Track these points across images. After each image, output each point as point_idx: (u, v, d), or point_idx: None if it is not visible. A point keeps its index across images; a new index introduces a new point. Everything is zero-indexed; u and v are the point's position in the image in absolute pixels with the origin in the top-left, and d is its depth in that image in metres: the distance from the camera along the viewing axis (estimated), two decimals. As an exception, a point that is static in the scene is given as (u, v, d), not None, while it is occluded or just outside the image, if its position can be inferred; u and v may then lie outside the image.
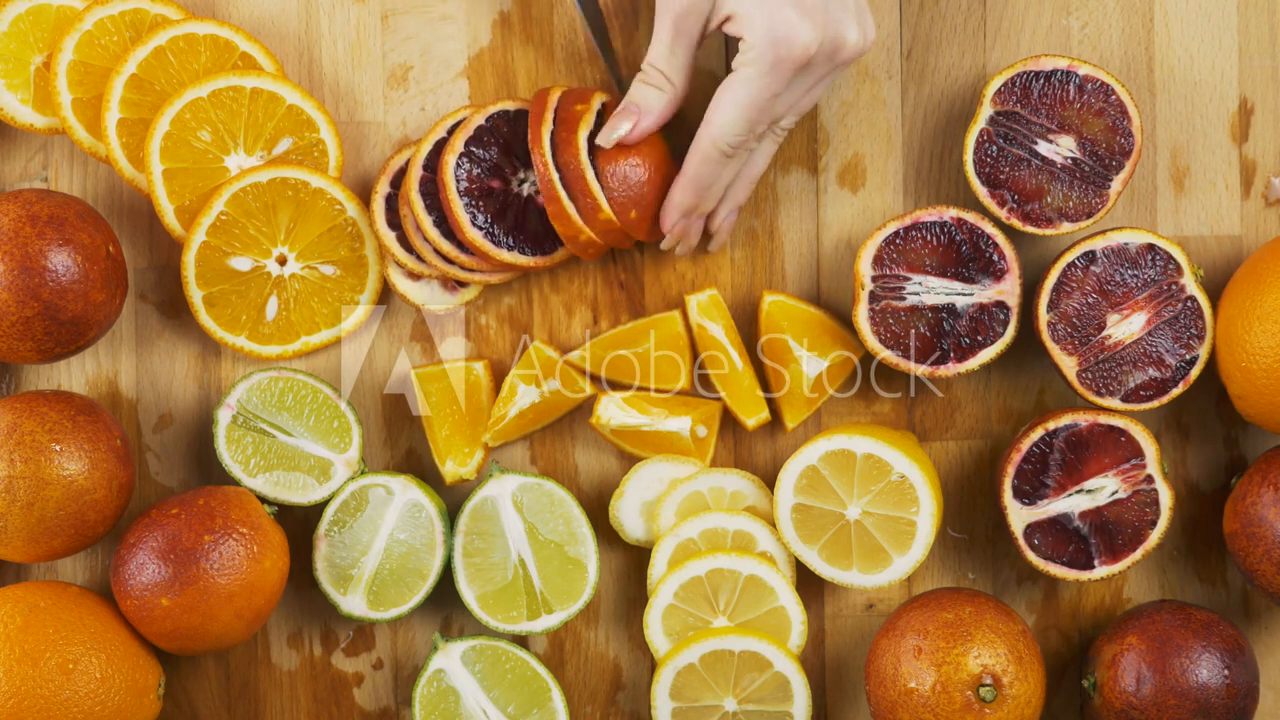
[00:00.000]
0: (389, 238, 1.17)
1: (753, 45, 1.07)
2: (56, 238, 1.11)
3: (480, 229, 1.15)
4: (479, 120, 1.16)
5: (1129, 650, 1.15)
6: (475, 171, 1.16)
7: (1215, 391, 1.22)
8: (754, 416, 1.19)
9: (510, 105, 1.17)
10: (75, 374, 1.21)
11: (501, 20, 1.21)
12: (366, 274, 1.19)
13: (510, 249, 1.16)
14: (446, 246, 1.16)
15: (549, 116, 1.15)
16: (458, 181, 1.15)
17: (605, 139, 1.14)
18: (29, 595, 1.12)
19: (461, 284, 1.19)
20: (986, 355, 1.16)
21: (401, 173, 1.18)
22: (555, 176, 1.14)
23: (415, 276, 1.19)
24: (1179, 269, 1.15)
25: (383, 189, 1.18)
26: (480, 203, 1.16)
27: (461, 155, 1.15)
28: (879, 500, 1.15)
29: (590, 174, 1.14)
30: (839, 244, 1.21)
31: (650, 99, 1.13)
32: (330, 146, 1.18)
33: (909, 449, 1.16)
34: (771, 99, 1.09)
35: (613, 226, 1.15)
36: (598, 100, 1.16)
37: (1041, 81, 1.15)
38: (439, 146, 1.17)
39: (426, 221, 1.16)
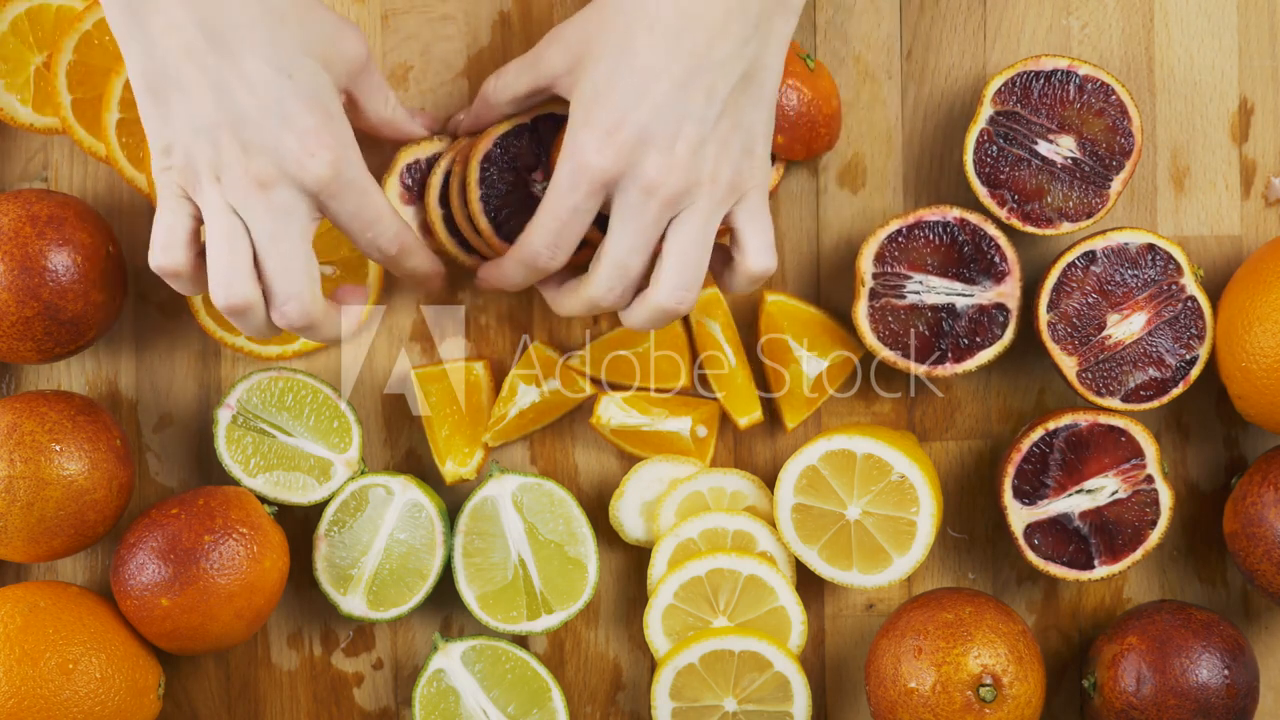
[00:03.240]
0: (437, 214, 1.17)
1: (560, 158, 1.07)
2: (56, 238, 1.11)
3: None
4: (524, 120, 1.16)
5: (1129, 650, 1.15)
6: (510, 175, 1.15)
7: (1215, 391, 1.22)
8: (746, 415, 1.19)
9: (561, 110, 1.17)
10: (75, 374, 1.21)
11: (501, 20, 1.21)
12: (366, 274, 1.19)
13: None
14: (484, 224, 1.15)
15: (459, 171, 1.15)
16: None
17: (451, 123, 1.19)
18: (29, 595, 1.12)
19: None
20: (984, 357, 1.16)
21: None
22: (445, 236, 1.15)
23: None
24: (1179, 269, 1.15)
25: (446, 164, 1.17)
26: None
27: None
28: (879, 500, 1.15)
29: None
30: (839, 244, 1.21)
31: (476, 104, 1.17)
32: (330, 146, 1.18)
33: (909, 449, 1.16)
34: (573, 217, 1.06)
35: None
36: (489, 140, 1.16)
37: (1041, 81, 1.15)
38: (519, 129, 1.16)
39: (475, 197, 1.15)
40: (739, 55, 1.04)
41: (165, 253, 1.05)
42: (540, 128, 1.16)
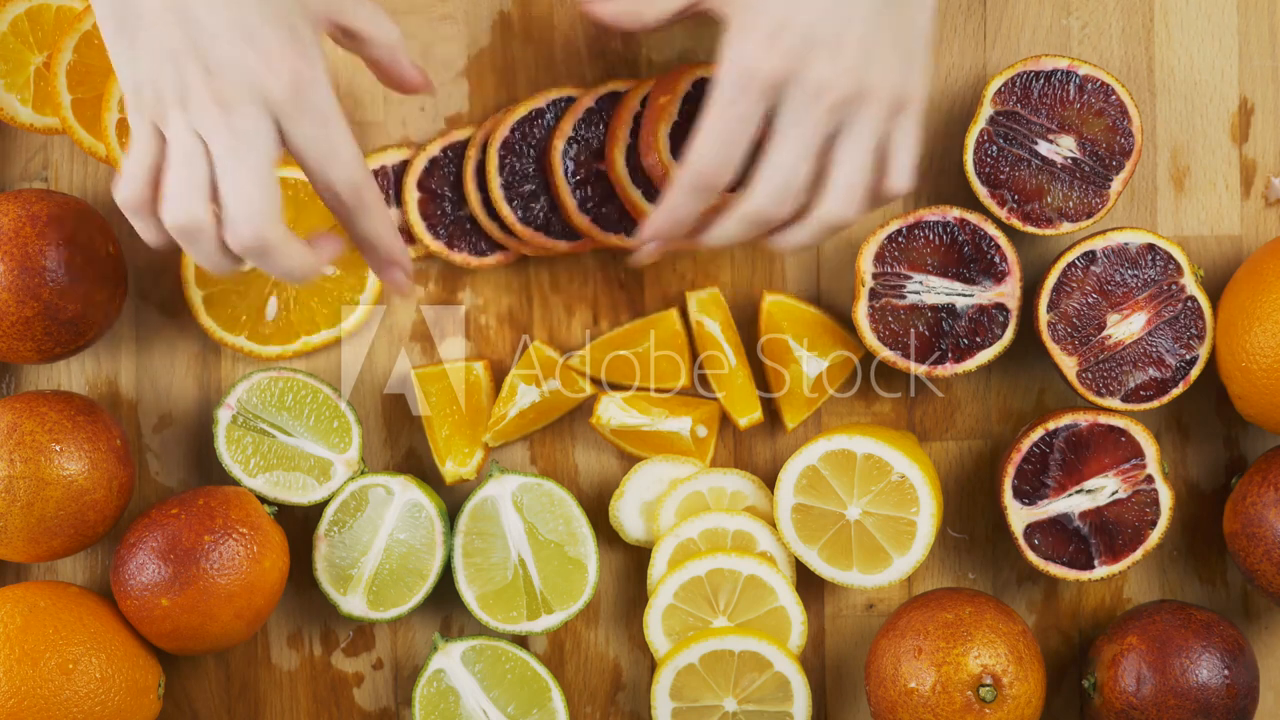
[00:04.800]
0: (413, 197, 1.17)
1: (719, 66, 1.04)
2: (56, 238, 1.11)
3: (588, 214, 1.16)
4: (589, 103, 1.16)
5: (1129, 650, 1.15)
6: (584, 156, 1.16)
7: (1215, 391, 1.22)
8: (746, 416, 1.19)
9: (621, 87, 1.17)
10: (75, 374, 1.21)
11: (501, 20, 1.21)
12: (366, 274, 1.19)
13: (618, 232, 1.17)
14: (506, 210, 1.16)
15: (624, 133, 1.15)
16: (566, 164, 1.15)
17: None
18: (29, 595, 1.12)
19: (499, 248, 1.19)
20: (984, 357, 1.16)
21: (451, 147, 1.18)
22: (636, 196, 1.15)
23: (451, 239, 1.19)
24: (1179, 269, 1.15)
25: (432, 151, 1.18)
26: (588, 187, 1.16)
27: (570, 139, 1.15)
28: (879, 500, 1.15)
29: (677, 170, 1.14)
30: (839, 244, 1.21)
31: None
32: (330, 146, 1.18)
33: (909, 449, 1.16)
34: (740, 125, 1.02)
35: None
36: (686, 82, 1.15)
37: (1041, 81, 1.15)
38: (533, 115, 1.17)
39: (495, 184, 1.15)
40: None
41: (127, 185, 1.02)
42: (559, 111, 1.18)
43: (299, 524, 1.21)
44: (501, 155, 1.16)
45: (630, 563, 1.22)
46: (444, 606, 1.22)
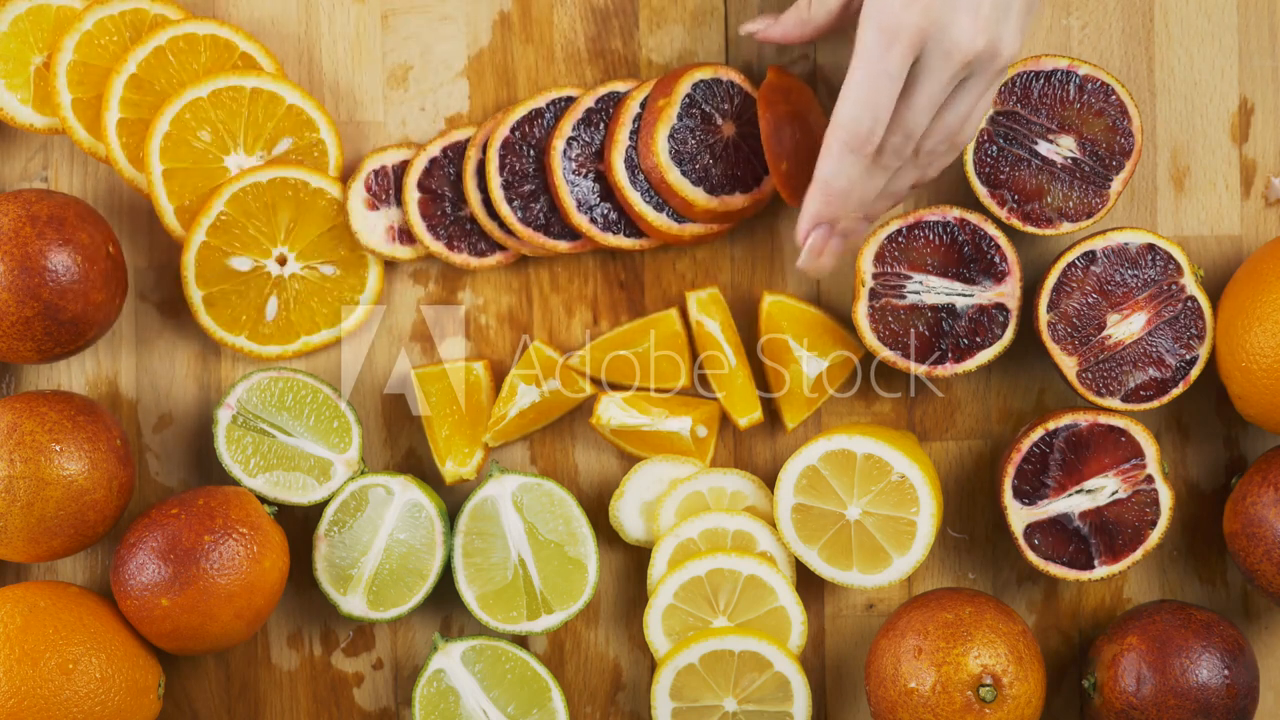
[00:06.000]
0: (414, 198, 1.17)
1: (861, 25, 1.04)
2: (56, 238, 1.11)
3: (587, 214, 1.16)
4: (588, 103, 1.16)
5: (1129, 650, 1.15)
6: (583, 156, 1.16)
7: (1215, 391, 1.22)
8: (746, 416, 1.19)
9: (622, 87, 1.17)
10: (75, 374, 1.21)
11: (501, 20, 1.21)
12: (366, 274, 1.19)
13: (617, 233, 1.17)
14: (505, 211, 1.16)
15: (623, 135, 1.15)
16: (565, 165, 1.15)
17: (743, 28, 1.16)
18: (29, 595, 1.12)
19: (498, 249, 1.20)
20: (984, 357, 1.16)
21: (452, 147, 1.18)
22: (635, 199, 1.15)
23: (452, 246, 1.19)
24: (1179, 269, 1.15)
25: (432, 151, 1.18)
26: (588, 187, 1.16)
27: (570, 139, 1.15)
28: (879, 500, 1.15)
29: (674, 174, 1.14)
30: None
31: (788, 15, 1.13)
32: (330, 146, 1.19)
33: (909, 449, 1.16)
34: (887, 81, 1.02)
35: (715, 213, 1.16)
36: (685, 85, 1.16)
37: (1041, 81, 1.15)
38: (532, 115, 1.17)
39: (495, 181, 1.16)
40: None
41: None
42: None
43: (299, 524, 1.21)
44: (501, 155, 1.16)
45: (630, 563, 1.22)
46: (444, 606, 1.22)
